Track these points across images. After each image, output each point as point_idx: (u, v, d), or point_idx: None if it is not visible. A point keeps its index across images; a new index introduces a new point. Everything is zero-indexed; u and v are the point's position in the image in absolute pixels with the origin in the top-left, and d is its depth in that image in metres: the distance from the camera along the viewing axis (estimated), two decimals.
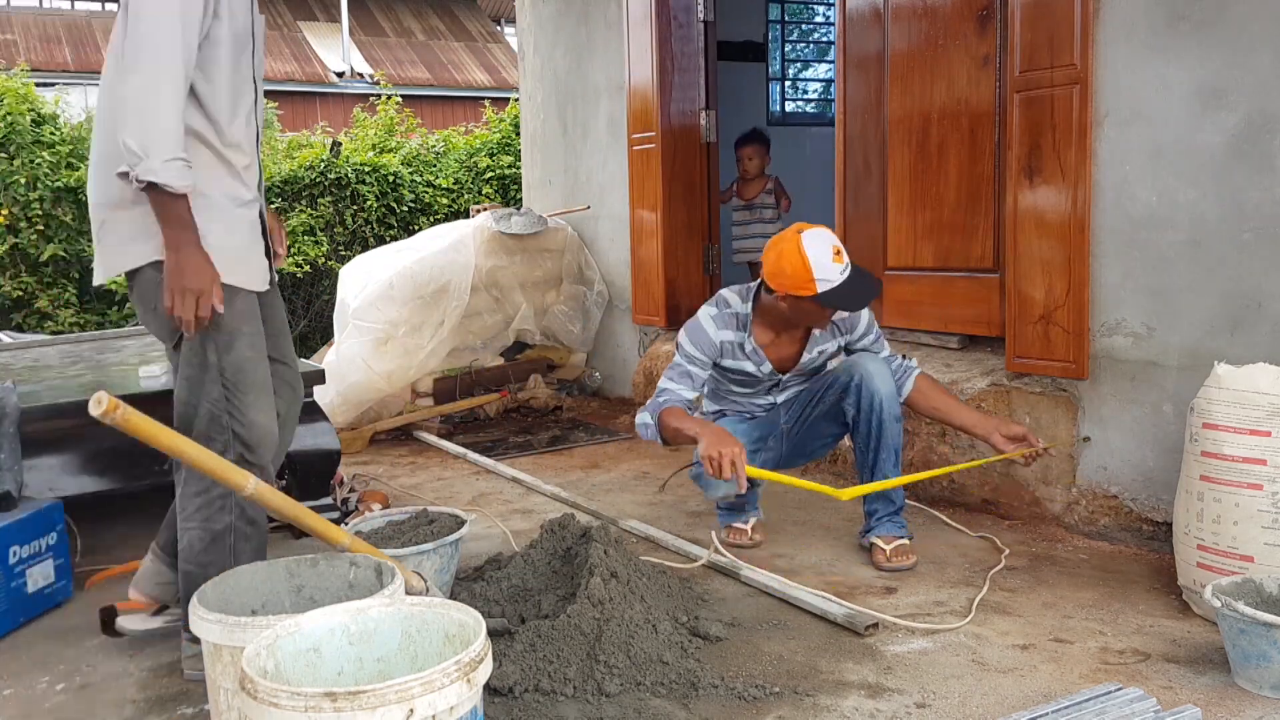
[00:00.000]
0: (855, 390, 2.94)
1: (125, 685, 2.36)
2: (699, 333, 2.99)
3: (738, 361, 3.03)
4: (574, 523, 2.75)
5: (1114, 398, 3.09)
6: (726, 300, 3.03)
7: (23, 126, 7.66)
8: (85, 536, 3.27)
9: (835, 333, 3.06)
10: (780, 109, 7.71)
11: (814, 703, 2.14)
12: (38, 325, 7.58)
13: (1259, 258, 2.73)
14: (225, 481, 2.15)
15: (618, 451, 4.57)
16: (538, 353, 5.62)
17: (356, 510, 3.54)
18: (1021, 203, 3.25)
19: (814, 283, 2.76)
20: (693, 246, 5.14)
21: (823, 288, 2.76)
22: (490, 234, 5.37)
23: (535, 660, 2.21)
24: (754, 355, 3.02)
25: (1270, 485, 2.36)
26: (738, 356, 3.02)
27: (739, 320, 3.00)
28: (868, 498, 3.02)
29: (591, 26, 5.62)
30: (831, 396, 3.03)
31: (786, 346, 3.04)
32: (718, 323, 2.99)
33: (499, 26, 21.43)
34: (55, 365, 4.09)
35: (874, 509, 3.02)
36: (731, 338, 3.00)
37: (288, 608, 2.05)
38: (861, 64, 4.07)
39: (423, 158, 9.28)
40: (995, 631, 2.48)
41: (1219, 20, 2.76)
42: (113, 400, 1.89)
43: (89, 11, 19.37)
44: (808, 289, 2.77)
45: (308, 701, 1.40)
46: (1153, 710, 1.92)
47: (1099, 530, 3.13)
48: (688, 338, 3.00)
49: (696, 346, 2.98)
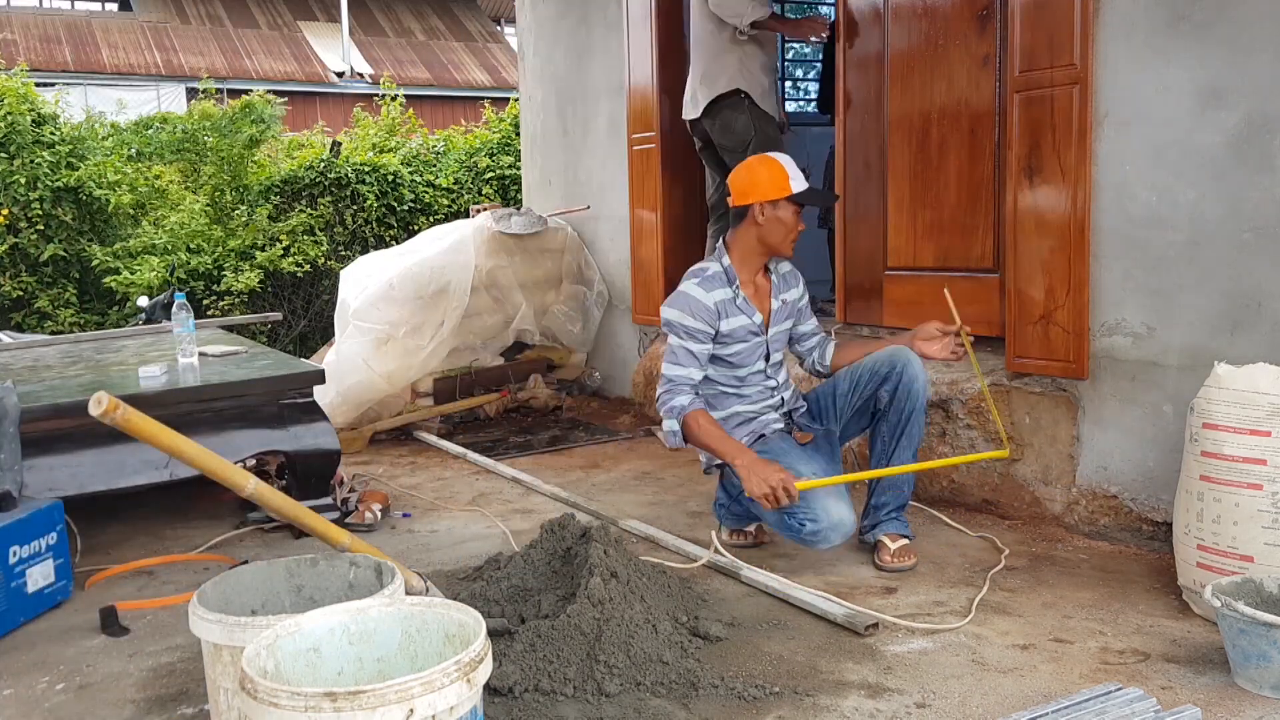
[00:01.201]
0: (895, 377, 2.97)
1: (125, 685, 2.36)
2: (691, 302, 2.94)
3: (734, 319, 2.99)
4: (574, 523, 2.74)
5: (1114, 398, 3.09)
6: (701, 268, 3.03)
7: (23, 126, 7.67)
8: (85, 536, 3.28)
9: (784, 285, 3.12)
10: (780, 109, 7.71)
11: (814, 703, 2.14)
12: (38, 325, 7.58)
13: (1259, 258, 2.73)
14: (225, 482, 2.15)
15: (618, 451, 4.57)
16: (538, 353, 5.62)
17: (356, 510, 3.54)
18: (1021, 203, 3.25)
19: (789, 180, 2.94)
20: (693, 246, 5.14)
21: (796, 186, 2.95)
22: (490, 234, 5.37)
23: (535, 660, 2.21)
24: (745, 306, 3.01)
25: (1270, 485, 2.36)
26: (734, 314, 3.00)
27: (723, 276, 3.00)
28: (878, 489, 3.04)
29: (591, 27, 5.63)
30: (868, 389, 3.05)
31: (762, 295, 3.08)
32: (705, 287, 2.97)
33: (499, 26, 21.44)
34: (55, 365, 4.09)
35: (883, 502, 3.02)
36: (723, 295, 2.98)
37: (288, 608, 2.05)
38: (861, 64, 4.07)
39: (422, 158, 9.28)
40: (995, 631, 2.48)
41: (1219, 21, 2.76)
42: (113, 400, 1.89)
43: (89, 11, 19.39)
44: (783, 189, 2.93)
45: (308, 701, 1.40)
46: (1153, 710, 1.92)
47: (1099, 530, 3.13)
48: (679, 312, 2.95)
49: (694, 316, 2.93)
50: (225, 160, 8.30)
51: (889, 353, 3.03)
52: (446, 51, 19.99)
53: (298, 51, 18.77)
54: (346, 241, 8.43)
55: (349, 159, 8.64)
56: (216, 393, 3.40)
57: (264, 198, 8.30)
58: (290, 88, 17.12)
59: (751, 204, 2.95)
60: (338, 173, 8.45)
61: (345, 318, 5.06)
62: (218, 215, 8.31)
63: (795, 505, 2.79)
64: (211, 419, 3.35)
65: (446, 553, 3.23)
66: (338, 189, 8.44)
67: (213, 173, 8.39)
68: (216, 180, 8.38)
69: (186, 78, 16.45)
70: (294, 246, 8.05)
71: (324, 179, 8.41)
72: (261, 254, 7.90)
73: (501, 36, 21.00)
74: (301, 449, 3.47)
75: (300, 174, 8.41)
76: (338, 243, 8.39)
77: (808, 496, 2.81)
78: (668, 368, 2.95)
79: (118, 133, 8.50)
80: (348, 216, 8.44)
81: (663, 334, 5.16)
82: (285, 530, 3.42)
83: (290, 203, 8.34)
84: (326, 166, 8.46)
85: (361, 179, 8.52)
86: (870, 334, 4.10)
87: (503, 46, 20.47)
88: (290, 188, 8.38)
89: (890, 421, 3.00)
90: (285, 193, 8.37)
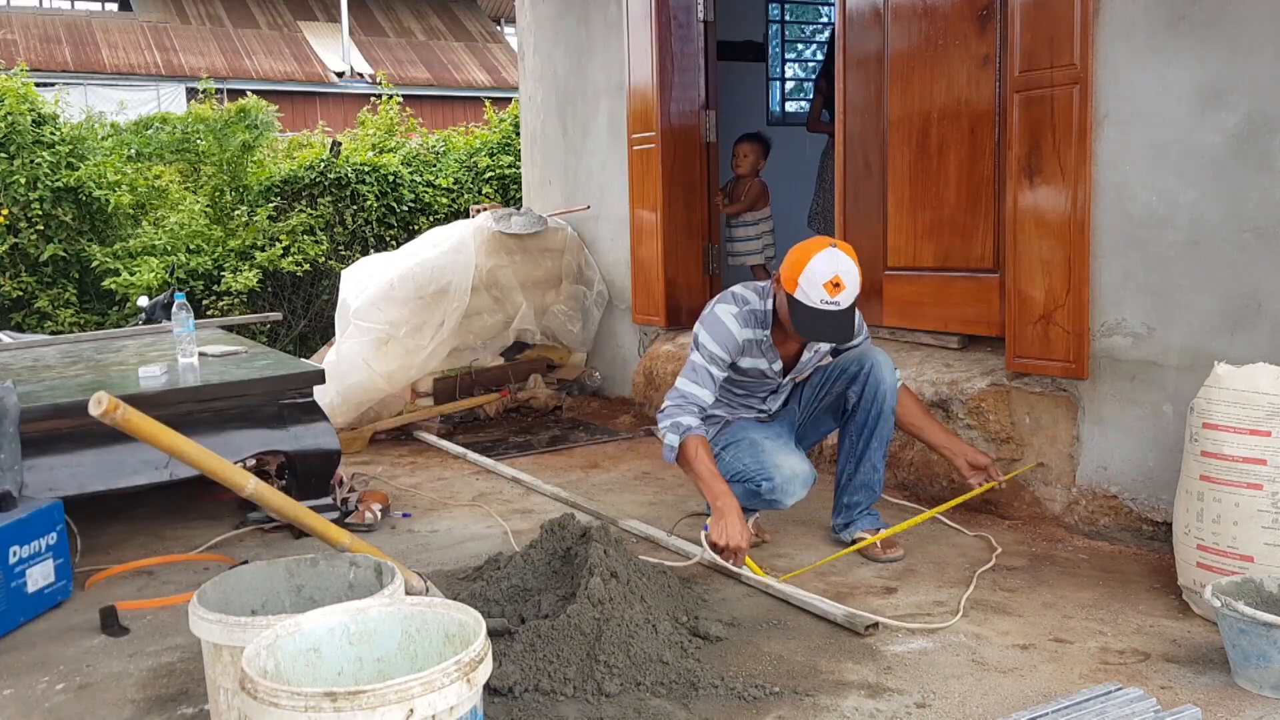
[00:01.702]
0: (863, 379, 3.03)
1: (125, 685, 2.36)
2: (722, 331, 2.96)
3: (755, 360, 3.02)
4: (574, 523, 2.74)
5: (1114, 398, 3.09)
6: (745, 298, 3.02)
7: (23, 126, 7.66)
8: (85, 536, 3.28)
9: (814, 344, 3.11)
10: (780, 109, 7.71)
11: (814, 703, 2.14)
12: (37, 325, 7.58)
13: (1259, 258, 2.72)
14: (225, 482, 2.15)
15: (618, 451, 4.57)
16: (538, 353, 5.62)
17: (356, 510, 3.54)
18: (1021, 202, 3.25)
19: (795, 285, 2.79)
20: (693, 246, 5.14)
21: (797, 296, 2.80)
22: (490, 234, 5.37)
23: (535, 660, 2.21)
24: (770, 353, 3.02)
25: (1270, 485, 2.36)
26: (756, 355, 3.01)
27: (759, 317, 2.99)
28: (848, 488, 3.12)
29: (591, 27, 5.62)
30: (838, 387, 3.10)
31: (792, 344, 3.06)
32: (740, 320, 2.97)
33: (499, 26, 21.44)
34: (55, 365, 4.09)
35: (856, 501, 3.10)
36: (753, 335, 2.99)
37: (288, 608, 2.05)
38: (861, 64, 4.07)
39: (423, 158, 9.28)
40: (995, 631, 2.48)
41: (1219, 20, 2.76)
42: (113, 400, 1.89)
43: (89, 11, 19.38)
44: (788, 286, 2.82)
45: (308, 701, 1.40)
46: (1153, 710, 1.92)
47: (1099, 530, 3.13)
48: (710, 336, 2.96)
49: (720, 345, 2.95)
50: (223, 162, 8.31)
51: (858, 352, 3.10)
52: (446, 51, 19.99)
53: (298, 51, 18.77)
54: (346, 241, 8.43)
55: (349, 159, 8.63)
56: (216, 393, 3.40)
57: (264, 198, 8.30)
58: (290, 88, 17.14)
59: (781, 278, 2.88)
60: (338, 173, 8.45)
61: (346, 317, 5.06)
62: (217, 215, 8.31)
63: (751, 471, 2.92)
64: (211, 419, 3.35)
65: (446, 553, 3.23)
66: (338, 189, 8.44)
67: (212, 173, 8.39)
68: (216, 180, 8.38)
69: (186, 78, 16.45)
70: (294, 246, 8.05)
71: (324, 179, 8.41)
72: (261, 254, 7.90)
73: (501, 36, 21.00)
74: (301, 449, 3.47)
75: (300, 174, 8.40)
76: (338, 243, 8.39)
77: (758, 456, 2.92)
78: (684, 383, 2.96)
79: (117, 133, 8.50)
80: (348, 216, 8.44)
81: (662, 334, 5.18)
82: (285, 530, 3.42)
83: (290, 203, 8.34)
84: (326, 166, 8.46)
85: (361, 179, 8.52)
86: (870, 334, 4.10)
87: (503, 46, 20.47)
88: (290, 188, 8.38)
89: (858, 421, 3.08)
90: (285, 193, 8.37)
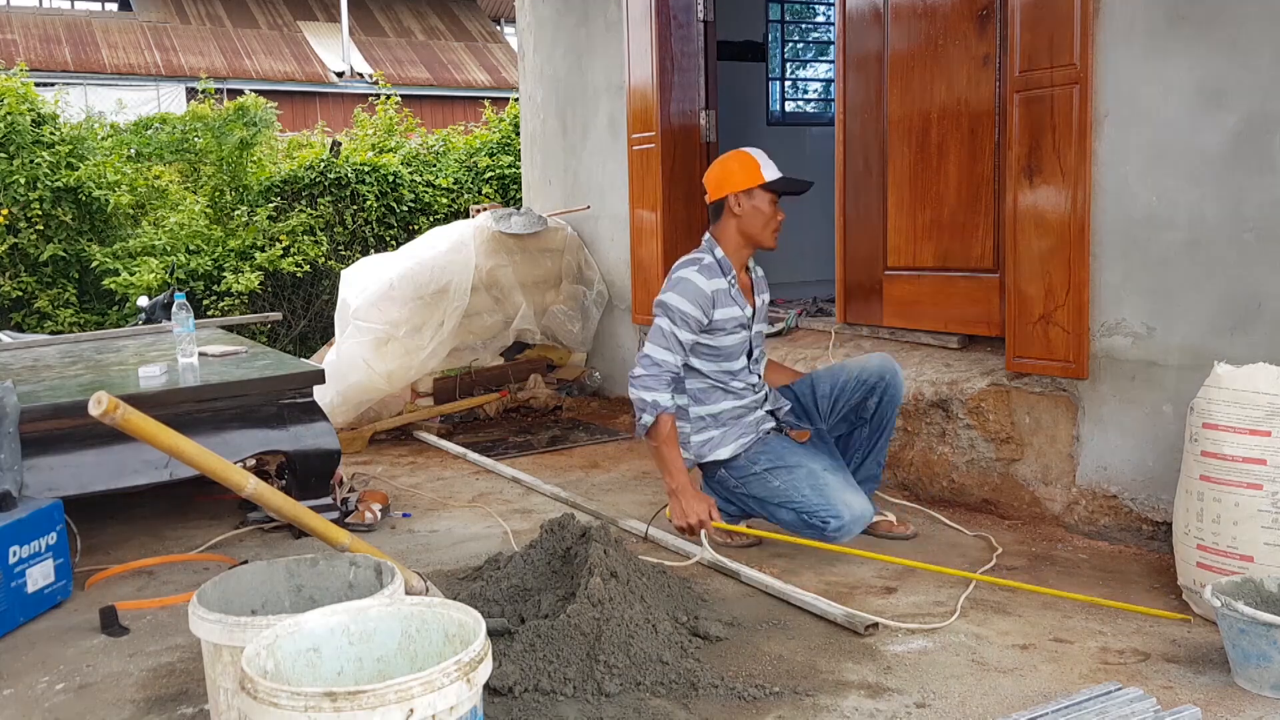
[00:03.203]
0: (883, 389, 3.15)
1: (125, 685, 2.36)
2: (692, 289, 3.00)
3: (727, 309, 3.05)
4: (574, 523, 2.74)
5: (1114, 398, 3.09)
6: (696, 258, 3.10)
7: (23, 126, 7.66)
8: (85, 536, 3.28)
9: (759, 288, 3.25)
10: (780, 109, 7.71)
11: (814, 703, 2.14)
12: (37, 325, 7.58)
13: (1259, 258, 2.72)
14: (225, 482, 2.15)
15: (618, 451, 4.57)
16: (538, 353, 5.62)
17: (356, 510, 3.54)
18: (1021, 203, 3.25)
19: (760, 169, 3.03)
20: (692, 246, 5.12)
21: (769, 175, 3.04)
22: (490, 234, 5.37)
23: (535, 660, 2.21)
24: (738, 297, 3.09)
25: (1270, 485, 2.36)
26: (727, 303, 3.06)
27: (719, 266, 3.08)
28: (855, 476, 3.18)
29: (591, 27, 5.62)
30: (856, 397, 3.18)
31: (746, 291, 3.17)
32: (704, 274, 3.04)
33: (499, 26, 21.43)
34: (55, 365, 4.09)
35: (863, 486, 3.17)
36: (719, 284, 3.05)
37: (288, 608, 2.05)
38: (861, 64, 4.07)
39: (422, 158, 9.28)
40: (995, 631, 2.48)
41: (1219, 20, 2.76)
42: (113, 400, 1.89)
43: (89, 11, 19.37)
44: (755, 178, 3.02)
45: (308, 701, 1.40)
46: (1153, 710, 1.92)
47: (1099, 530, 3.13)
48: (680, 296, 3.00)
49: (692, 302, 2.99)
50: (222, 161, 8.30)
51: (878, 363, 3.17)
52: (446, 51, 19.98)
53: (297, 51, 18.76)
54: (346, 241, 8.43)
55: (349, 159, 8.63)
56: (216, 393, 3.40)
57: (264, 198, 8.30)
58: (290, 88, 17.14)
59: (726, 196, 3.07)
60: (338, 173, 8.45)
61: (346, 317, 5.06)
62: (217, 216, 8.31)
63: (813, 505, 2.90)
64: (211, 419, 3.35)
65: (446, 553, 3.23)
66: (338, 189, 8.44)
67: (212, 173, 8.39)
68: (216, 181, 8.38)
69: (186, 78, 16.44)
70: (294, 247, 8.05)
71: (324, 179, 8.41)
72: (261, 254, 7.90)
73: (501, 36, 21.00)
74: (301, 449, 3.47)
75: (300, 174, 8.40)
76: (338, 243, 8.39)
77: (822, 491, 2.91)
78: (654, 349, 2.99)
79: (117, 133, 8.50)
80: (348, 216, 8.44)
81: None
82: (285, 530, 3.42)
83: (290, 203, 8.34)
84: (326, 166, 8.46)
85: (361, 179, 8.52)
86: (870, 334, 4.11)
87: (503, 46, 20.47)
88: (290, 188, 8.38)
89: (873, 425, 3.20)
90: (285, 193, 8.37)
